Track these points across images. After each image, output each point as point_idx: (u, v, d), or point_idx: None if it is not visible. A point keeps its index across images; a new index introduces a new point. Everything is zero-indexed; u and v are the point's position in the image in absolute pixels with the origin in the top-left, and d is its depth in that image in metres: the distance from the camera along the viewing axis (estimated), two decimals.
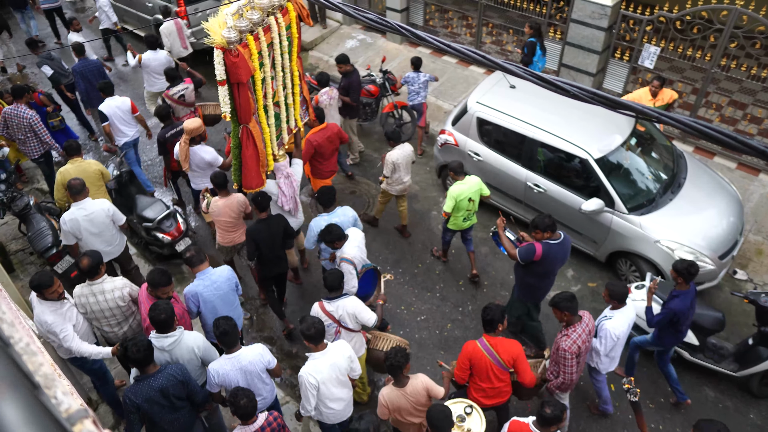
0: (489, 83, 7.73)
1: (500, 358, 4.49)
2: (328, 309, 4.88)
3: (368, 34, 11.90)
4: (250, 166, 5.39)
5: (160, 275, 4.72)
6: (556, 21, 9.43)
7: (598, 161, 6.49)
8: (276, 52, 5.26)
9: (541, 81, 2.15)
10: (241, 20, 4.64)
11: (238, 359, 4.36)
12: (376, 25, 2.44)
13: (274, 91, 5.49)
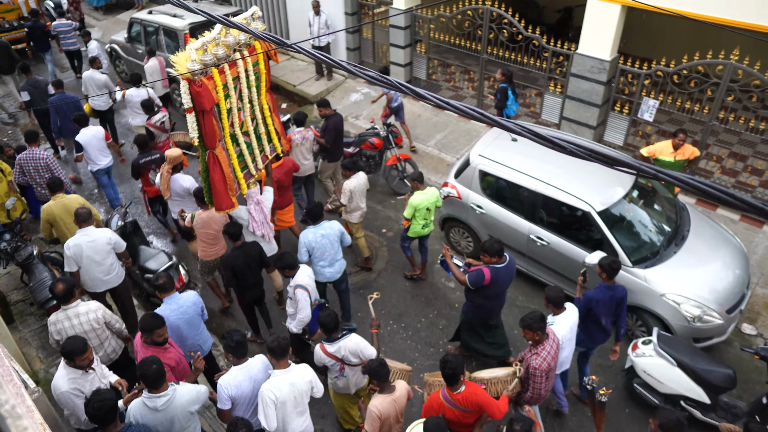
0: (491, 136, 7.82)
1: (465, 407, 4.53)
2: (329, 351, 4.98)
3: (372, 88, 12.14)
4: (218, 189, 5.71)
5: (152, 318, 4.66)
6: (557, 75, 9.62)
7: (601, 214, 6.48)
8: (243, 86, 5.70)
9: (537, 138, 2.17)
10: (206, 55, 5.08)
11: (249, 368, 4.54)
12: (378, 82, 2.49)
13: (242, 121, 5.91)
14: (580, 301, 5.50)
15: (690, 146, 7.45)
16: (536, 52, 9.52)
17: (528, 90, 10.77)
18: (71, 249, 5.96)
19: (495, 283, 5.65)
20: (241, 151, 5.96)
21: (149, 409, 4.17)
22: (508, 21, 9.56)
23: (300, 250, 6.28)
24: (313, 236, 6.23)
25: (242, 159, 6.06)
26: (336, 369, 5.07)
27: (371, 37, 12.16)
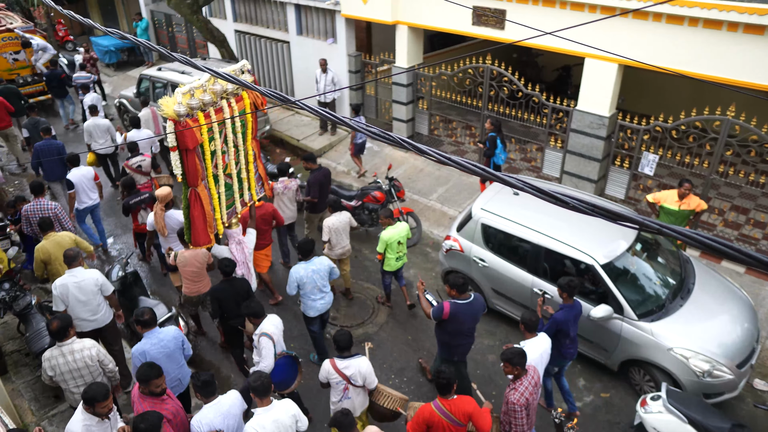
0: (493, 190, 7.88)
1: (455, 417, 4.67)
2: (339, 366, 5.12)
3: (374, 143, 12.34)
4: (197, 225, 5.99)
5: (149, 368, 4.58)
6: (557, 131, 9.78)
7: (605, 267, 6.44)
8: (228, 131, 6.04)
9: (540, 194, 2.18)
10: (192, 99, 5.47)
11: (219, 405, 4.64)
12: (379, 138, 2.52)
13: (226, 164, 6.23)
14: (547, 325, 5.73)
15: (696, 198, 7.44)
16: (536, 108, 9.72)
17: (529, 145, 10.94)
18: (58, 289, 6.07)
19: (455, 319, 5.73)
20: (221, 193, 6.27)
21: None
22: (509, 79, 9.81)
23: (290, 284, 6.49)
24: (305, 271, 6.43)
25: (230, 195, 6.44)
26: (341, 388, 5.17)
27: (374, 94, 12.46)
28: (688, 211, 7.40)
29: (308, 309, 6.63)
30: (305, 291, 6.53)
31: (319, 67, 12.10)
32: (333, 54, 12.29)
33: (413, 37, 11.01)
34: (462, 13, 9.63)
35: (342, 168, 11.66)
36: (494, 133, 9.29)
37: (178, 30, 17.30)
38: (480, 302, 5.92)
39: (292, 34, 13.26)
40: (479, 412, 4.72)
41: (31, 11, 20.70)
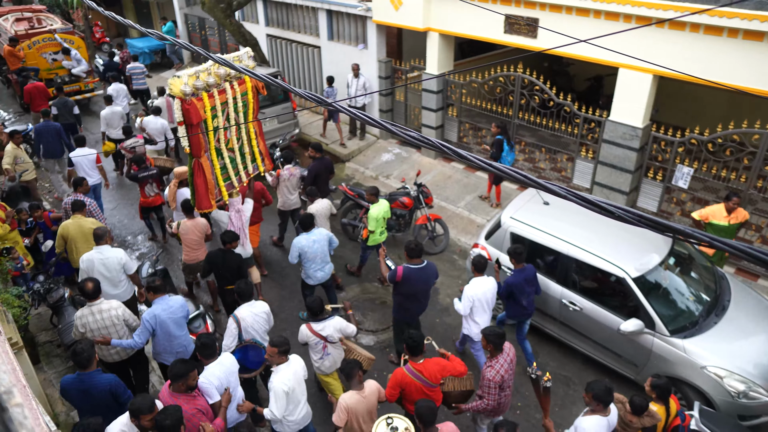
0: (522, 199, 7.81)
1: (427, 379, 5.08)
2: (315, 329, 5.66)
3: (403, 149, 12.34)
4: (200, 191, 6.72)
5: (183, 364, 4.67)
6: (588, 141, 9.66)
7: (636, 280, 6.33)
8: (230, 110, 6.71)
9: (583, 201, 2.14)
10: (198, 81, 6.19)
11: (222, 364, 5.05)
12: (421, 143, 2.49)
13: (228, 139, 6.88)
14: (502, 288, 6.54)
15: (742, 210, 7.27)
16: (567, 118, 9.62)
17: (559, 155, 10.82)
18: (84, 263, 6.63)
19: (407, 281, 6.35)
20: (225, 165, 6.96)
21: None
22: (540, 88, 9.73)
23: (292, 254, 7.10)
24: (306, 241, 7.02)
25: (225, 171, 7.03)
26: (319, 348, 5.71)
27: (404, 100, 12.47)
28: (737, 225, 7.21)
29: (309, 279, 7.24)
30: (307, 261, 7.11)
31: (350, 72, 12.16)
32: (363, 59, 12.34)
33: (444, 44, 11.00)
34: (494, 21, 9.59)
35: (370, 173, 11.68)
36: (501, 136, 9.46)
37: (211, 33, 17.56)
38: (432, 269, 6.52)
39: (323, 39, 13.36)
40: (448, 363, 5.21)
41: (70, 13, 21.20)
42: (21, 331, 6.26)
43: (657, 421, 4.76)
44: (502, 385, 5.13)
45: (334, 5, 12.48)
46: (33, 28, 15.10)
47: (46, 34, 14.92)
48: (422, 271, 6.38)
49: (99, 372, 5.04)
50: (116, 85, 13.05)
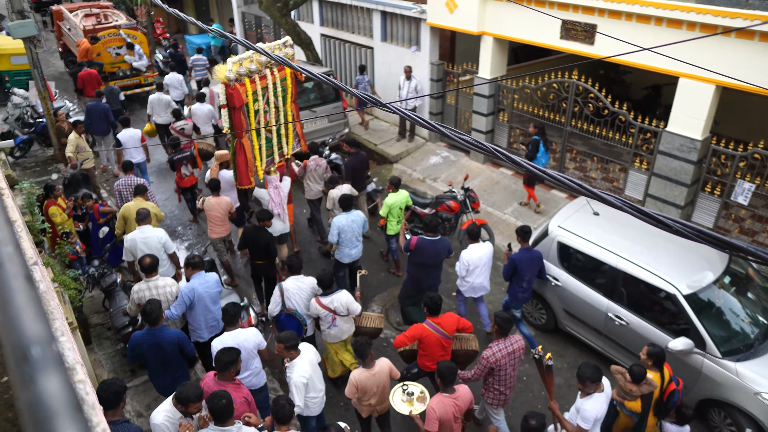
0: (571, 208, 7.65)
1: (445, 331, 5.67)
2: (324, 302, 6.09)
3: (452, 152, 12.28)
4: (240, 169, 7.32)
5: (228, 352, 4.79)
6: (643, 152, 9.38)
7: (688, 298, 6.10)
8: (270, 94, 7.28)
9: (640, 214, 2.08)
10: (241, 67, 6.73)
11: (236, 335, 5.35)
12: (475, 148, 2.48)
13: (267, 121, 7.42)
14: (507, 265, 6.92)
15: None
16: (622, 127, 9.37)
17: (611, 165, 10.55)
18: (128, 242, 7.06)
19: (419, 251, 6.88)
20: (262, 145, 7.50)
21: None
22: (595, 95, 9.51)
23: (332, 232, 7.53)
24: (345, 221, 7.47)
25: (269, 147, 7.67)
26: (329, 319, 6.13)
27: (455, 104, 12.41)
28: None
29: (343, 257, 7.68)
30: (343, 239, 7.53)
31: (402, 74, 12.18)
32: (416, 62, 12.35)
33: (498, 48, 10.89)
34: (550, 27, 9.44)
35: (417, 175, 11.67)
36: (537, 137, 9.49)
37: (267, 32, 17.91)
38: (444, 243, 7.04)
39: (376, 40, 13.44)
40: (461, 318, 5.88)
41: (134, 10, 22.03)
42: (75, 312, 6.53)
43: (654, 388, 5.15)
44: (498, 372, 5.40)
45: (388, 6, 12.54)
46: (100, 24, 15.77)
47: (111, 29, 15.54)
48: (434, 243, 6.90)
49: (165, 327, 5.56)
50: (172, 75, 13.97)
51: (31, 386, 0.43)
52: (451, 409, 4.86)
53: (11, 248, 0.63)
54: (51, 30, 21.90)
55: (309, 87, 11.83)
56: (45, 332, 0.48)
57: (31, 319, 0.49)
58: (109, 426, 4.33)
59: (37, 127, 12.66)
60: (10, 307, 0.51)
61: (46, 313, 0.53)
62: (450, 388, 4.91)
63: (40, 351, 0.46)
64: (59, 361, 0.45)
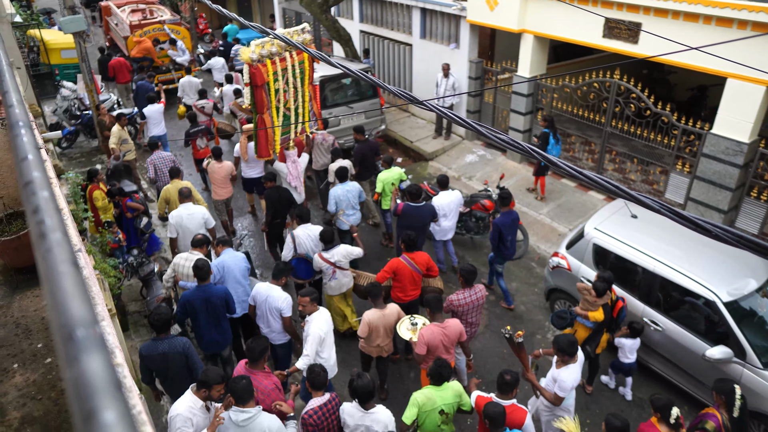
0: (609, 210, 7.51)
1: (417, 266, 6.64)
2: (325, 256, 6.80)
3: (488, 151, 12.19)
4: (261, 142, 8.03)
5: (258, 341, 4.96)
6: (685, 154, 9.13)
7: (728, 305, 5.93)
8: (289, 75, 7.93)
9: (681, 219, 2.04)
10: (263, 50, 7.44)
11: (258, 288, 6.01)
12: (511, 147, 2.46)
13: (286, 100, 8.08)
14: (492, 229, 7.64)
15: None
16: (665, 129, 9.14)
17: (652, 167, 10.30)
18: (174, 218, 7.62)
19: (405, 215, 7.70)
20: (285, 120, 8.19)
21: (231, 422, 4.36)
22: (637, 96, 9.30)
23: (330, 202, 8.26)
24: (341, 191, 8.21)
25: (287, 124, 8.30)
26: (330, 272, 6.84)
27: (492, 102, 12.30)
28: None
29: (342, 224, 8.30)
30: (340, 208, 8.24)
31: (440, 71, 12.14)
32: (454, 59, 12.29)
33: (538, 46, 10.75)
34: (592, 25, 9.26)
35: (453, 173, 11.62)
36: (547, 129, 9.67)
37: None
38: (429, 208, 7.76)
39: (415, 37, 13.42)
40: (432, 261, 6.84)
41: (178, 5, 22.50)
42: (114, 300, 6.73)
43: (608, 299, 6.21)
44: (462, 315, 6.18)
45: (428, 3, 12.50)
46: (145, 19, 16.17)
47: (156, 24, 15.93)
48: (418, 209, 7.67)
49: (212, 284, 6.07)
50: (216, 59, 15.07)
51: (76, 365, 0.46)
52: (440, 337, 5.50)
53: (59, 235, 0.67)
54: (99, 25, 22.56)
55: (347, 83, 11.90)
56: (89, 315, 0.51)
57: (77, 302, 0.52)
58: (162, 341, 5.21)
59: (83, 119, 13.08)
60: (58, 291, 0.55)
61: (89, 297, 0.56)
62: (439, 317, 5.65)
63: (84, 332, 0.49)
64: (101, 343, 0.49)
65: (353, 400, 4.73)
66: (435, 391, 4.89)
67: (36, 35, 16.16)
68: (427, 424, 4.85)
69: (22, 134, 1.06)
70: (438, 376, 4.89)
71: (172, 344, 5.24)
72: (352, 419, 4.68)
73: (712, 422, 4.85)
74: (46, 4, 25.50)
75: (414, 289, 6.74)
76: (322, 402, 4.67)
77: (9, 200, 3.78)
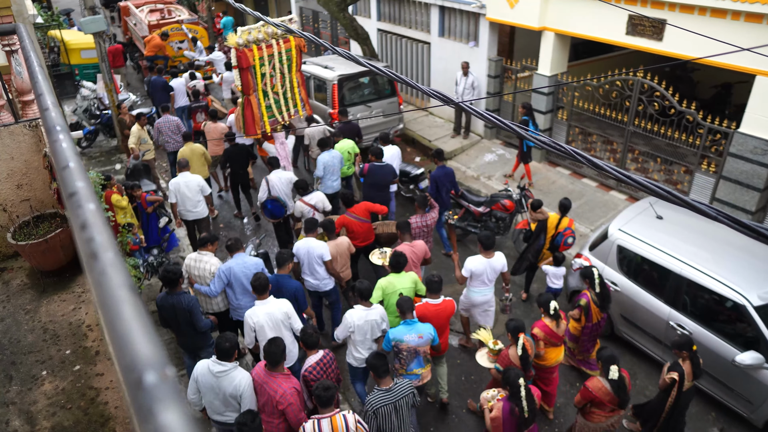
0: (633, 211, 7.37)
1: (359, 216, 7.64)
2: (306, 200, 7.91)
3: (507, 150, 12.06)
4: (248, 122, 8.71)
5: (276, 347, 4.87)
6: (711, 153, 8.94)
7: (759, 309, 5.78)
8: (276, 61, 8.64)
9: (714, 218, 1.95)
10: (249, 36, 8.15)
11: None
12: (535, 141, 2.38)
13: (273, 84, 8.79)
14: (431, 182, 8.78)
15: None
16: (689, 127, 8.95)
17: (675, 166, 10.11)
18: (173, 185, 8.41)
19: (371, 174, 8.73)
20: (270, 105, 8.88)
21: (209, 371, 4.86)
22: (661, 94, 9.12)
23: (318, 166, 9.02)
24: (328, 156, 9.00)
25: (270, 110, 8.92)
26: (310, 215, 7.70)
27: (512, 101, 12.16)
28: None
29: (327, 188, 9.02)
30: (326, 174, 9.02)
31: (459, 70, 12.02)
32: (473, 57, 12.16)
33: (559, 44, 10.60)
34: (616, 22, 9.10)
35: (471, 173, 11.51)
36: (526, 117, 10.00)
37: (323, 26, 18.04)
38: (390, 168, 8.81)
39: (433, 35, 13.31)
40: (374, 205, 7.83)
41: (195, 5, 22.59)
42: None
43: (545, 217, 7.51)
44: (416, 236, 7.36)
45: (447, 1, 12.39)
46: (164, 19, 16.27)
47: (174, 24, 16.00)
48: (381, 168, 8.73)
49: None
50: (216, 53, 15.55)
51: (151, 420, 0.40)
52: (409, 254, 6.53)
53: (112, 254, 0.61)
54: (118, 25, 22.73)
55: (365, 82, 11.84)
56: (156, 354, 0.45)
57: (141, 336, 0.46)
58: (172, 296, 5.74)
59: (103, 119, 13.16)
60: (119, 321, 0.49)
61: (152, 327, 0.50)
62: (407, 238, 6.85)
63: (154, 378, 0.43)
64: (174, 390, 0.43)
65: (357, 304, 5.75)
66: (395, 278, 6.16)
67: (57, 36, 16.31)
68: (390, 304, 6.08)
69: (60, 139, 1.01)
70: (397, 264, 6.16)
71: (179, 299, 5.77)
72: (360, 318, 5.65)
73: (584, 299, 6.36)
74: (65, 5, 25.76)
75: (367, 236, 7.78)
76: (317, 358, 5.20)
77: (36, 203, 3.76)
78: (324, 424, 4.53)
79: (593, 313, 6.30)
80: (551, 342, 5.88)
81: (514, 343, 5.46)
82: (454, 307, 6.05)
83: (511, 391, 4.91)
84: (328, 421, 4.54)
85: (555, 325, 5.84)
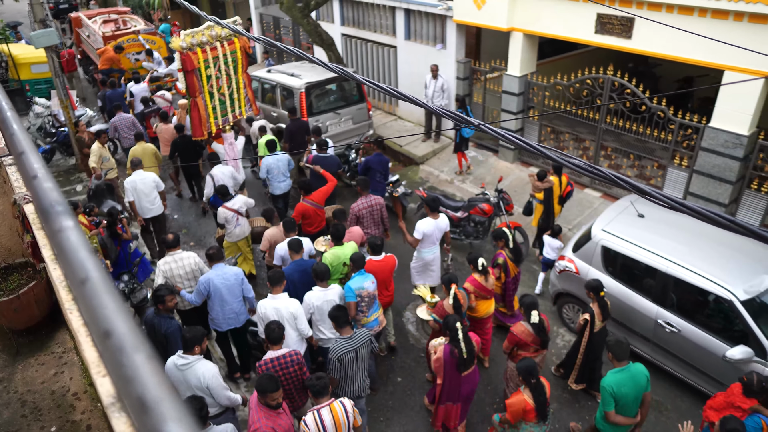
0: (614, 210, 7.35)
1: (316, 202, 7.91)
2: (229, 206, 7.99)
3: (479, 152, 12.00)
4: (194, 123, 9.21)
5: (268, 380, 4.62)
6: (683, 148, 9.02)
7: (745, 303, 5.79)
8: (221, 63, 9.00)
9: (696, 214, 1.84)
10: (193, 39, 8.37)
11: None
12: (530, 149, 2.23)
13: (219, 86, 9.15)
14: (361, 165, 9.46)
15: None
16: (661, 123, 9.01)
17: (647, 162, 10.19)
18: (129, 183, 8.60)
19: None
20: (216, 106, 9.26)
21: (174, 365, 4.95)
22: (631, 91, 9.17)
23: (262, 170, 9.34)
24: (273, 159, 9.23)
25: (223, 108, 9.43)
26: (234, 220, 8.00)
27: (482, 102, 12.10)
28: None
29: (275, 189, 9.38)
30: (272, 176, 9.27)
31: (428, 73, 11.90)
32: (441, 60, 12.06)
33: (528, 44, 10.58)
34: (584, 21, 9.11)
35: (445, 177, 11.40)
36: (460, 109, 10.38)
37: (285, 33, 17.72)
38: (334, 159, 9.21)
39: (399, 38, 13.17)
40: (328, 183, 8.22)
41: (150, 14, 21.97)
42: None
43: (551, 184, 8.19)
44: (361, 220, 7.67)
45: (412, 4, 12.26)
46: (119, 30, 15.70)
47: (130, 35, 15.45)
48: (325, 158, 8.98)
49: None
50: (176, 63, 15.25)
51: None
52: (358, 240, 7.11)
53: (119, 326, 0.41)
54: (69, 37, 21.91)
55: (332, 89, 11.61)
56: None
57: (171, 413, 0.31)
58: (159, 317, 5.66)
59: (59, 137, 12.57)
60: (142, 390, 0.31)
61: None
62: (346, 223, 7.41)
63: None
64: None
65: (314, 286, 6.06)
66: (338, 249, 6.68)
67: (4, 50, 15.57)
68: (338, 272, 6.63)
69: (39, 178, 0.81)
70: (336, 232, 6.68)
71: (159, 323, 5.71)
72: (318, 299, 5.95)
73: (500, 258, 6.91)
74: (11, 18, 24.74)
75: (320, 221, 8.05)
76: (276, 355, 5.17)
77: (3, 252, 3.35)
78: (324, 413, 4.60)
79: (510, 269, 7.00)
80: (481, 295, 6.51)
81: (448, 295, 6.02)
82: (395, 262, 6.78)
83: (450, 335, 5.37)
84: (328, 409, 4.63)
85: (483, 280, 6.46)
